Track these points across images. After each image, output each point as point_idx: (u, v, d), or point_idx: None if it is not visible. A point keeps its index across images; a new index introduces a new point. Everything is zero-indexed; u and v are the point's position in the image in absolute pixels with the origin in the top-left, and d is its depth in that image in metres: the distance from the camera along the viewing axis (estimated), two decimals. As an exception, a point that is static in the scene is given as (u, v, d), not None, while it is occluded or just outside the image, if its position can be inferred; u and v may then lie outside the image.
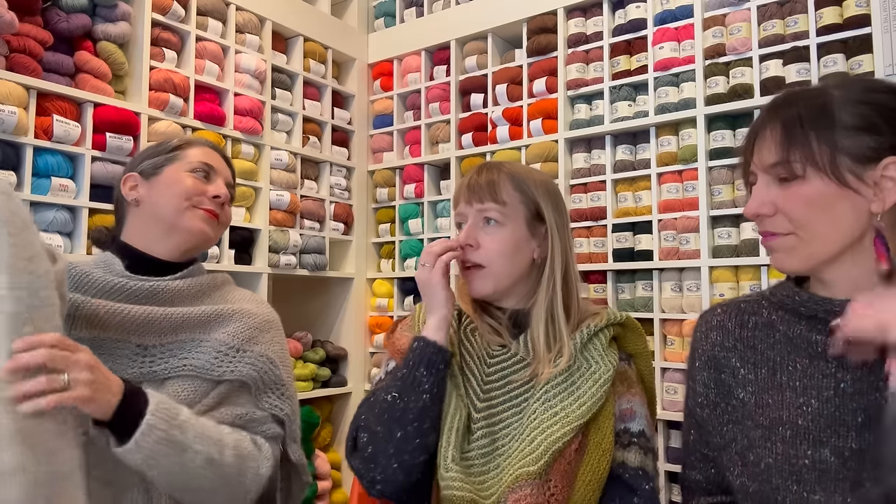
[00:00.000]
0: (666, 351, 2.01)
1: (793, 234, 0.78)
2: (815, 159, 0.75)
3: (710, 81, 2.02)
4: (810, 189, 0.76)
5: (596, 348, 1.01)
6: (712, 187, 2.00)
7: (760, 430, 0.81)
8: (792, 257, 0.80)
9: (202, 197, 1.09)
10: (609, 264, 2.16)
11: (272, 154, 2.40)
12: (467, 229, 1.04)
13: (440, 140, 2.64)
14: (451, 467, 0.92)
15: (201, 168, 1.11)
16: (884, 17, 1.74)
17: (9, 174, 1.67)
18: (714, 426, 0.88)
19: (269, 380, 1.08)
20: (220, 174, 1.15)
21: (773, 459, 0.78)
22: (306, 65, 2.58)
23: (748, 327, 0.87)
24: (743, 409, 0.84)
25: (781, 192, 0.78)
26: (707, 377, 0.89)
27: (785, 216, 0.78)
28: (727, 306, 0.92)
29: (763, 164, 0.80)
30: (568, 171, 2.29)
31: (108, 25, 1.94)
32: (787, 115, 0.78)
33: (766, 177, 0.80)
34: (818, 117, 0.76)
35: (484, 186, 1.03)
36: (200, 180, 1.11)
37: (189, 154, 1.13)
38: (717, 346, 0.89)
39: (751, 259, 1.89)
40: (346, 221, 2.71)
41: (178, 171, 1.10)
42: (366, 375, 2.72)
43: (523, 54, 2.43)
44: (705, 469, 0.91)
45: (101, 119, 1.87)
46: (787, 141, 0.77)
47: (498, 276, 1.03)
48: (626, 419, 0.99)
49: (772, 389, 0.82)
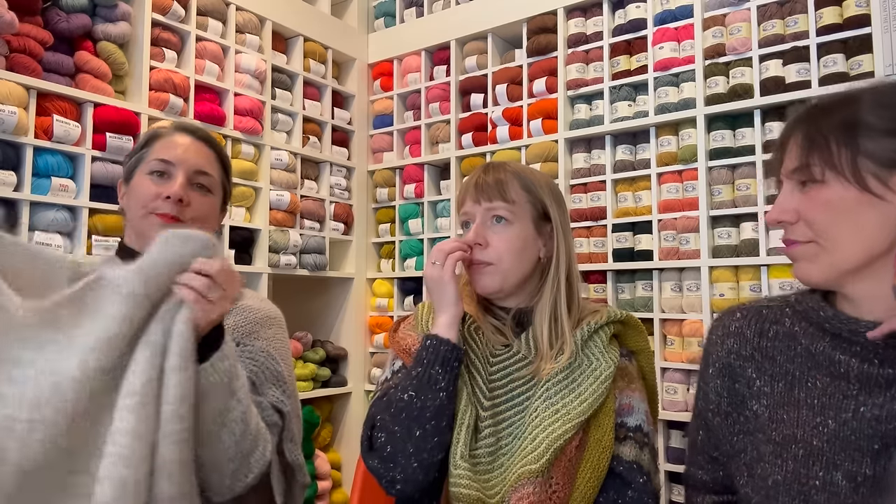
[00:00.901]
0: (666, 351, 2.01)
1: (813, 241, 0.75)
2: (834, 162, 0.73)
3: (710, 81, 2.02)
4: (829, 194, 0.73)
5: (597, 345, 1.02)
6: (712, 187, 2.00)
7: (772, 446, 0.79)
8: (813, 266, 0.76)
9: (157, 201, 1.04)
10: (609, 264, 2.16)
11: (272, 154, 2.40)
12: (476, 228, 1.04)
13: (440, 140, 2.64)
14: (459, 464, 0.92)
15: (157, 168, 1.06)
16: (884, 17, 1.74)
17: (9, 174, 1.67)
18: (724, 435, 0.86)
19: (270, 374, 1.06)
20: (182, 165, 1.07)
21: (781, 477, 0.76)
22: (306, 65, 2.58)
23: (768, 336, 0.84)
24: (756, 422, 0.82)
25: (802, 198, 0.76)
26: (720, 385, 0.87)
27: (806, 223, 0.76)
28: (747, 311, 0.88)
29: (786, 170, 0.78)
30: (568, 171, 2.29)
31: (108, 25, 1.94)
32: (810, 120, 0.76)
33: (789, 183, 0.78)
34: (841, 121, 0.74)
35: (492, 185, 1.04)
36: (156, 183, 1.06)
37: (151, 152, 1.08)
38: (732, 353, 0.86)
39: (751, 259, 1.89)
40: (346, 221, 2.72)
41: (140, 174, 1.07)
42: (366, 375, 2.72)
43: (523, 54, 2.43)
44: (713, 471, 0.90)
45: (101, 119, 1.87)
46: (808, 144, 0.75)
47: (506, 273, 1.03)
48: (623, 414, 1.00)
49: (788, 405, 0.79)
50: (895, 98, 0.74)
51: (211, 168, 1.11)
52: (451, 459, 0.93)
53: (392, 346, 1.10)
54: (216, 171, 1.12)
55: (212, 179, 1.10)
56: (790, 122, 0.80)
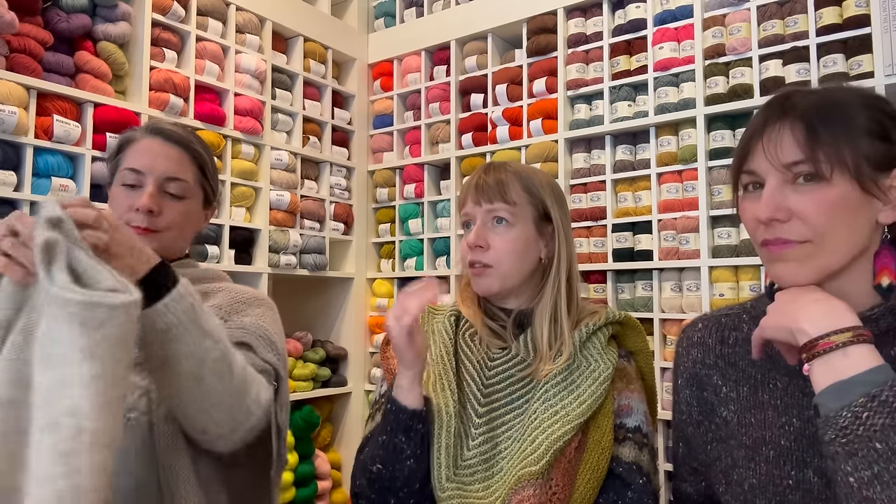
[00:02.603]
0: (666, 351, 2.01)
1: (809, 241, 0.71)
2: (845, 160, 0.69)
3: (710, 81, 2.03)
4: (835, 193, 0.70)
5: (595, 346, 1.02)
6: (712, 187, 2.00)
7: (744, 450, 0.79)
8: (804, 267, 0.72)
9: (130, 214, 1.02)
10: (609, 264, 2.16)
11: (272, 154, 2.40)
12: (477, 230, 1.03)
13: (440, 140, 2.64)
14: (446, 487, 0.93)
15: (127, 180, 1.04)
16: (883, 17, 1.74)
17: (9, 174, 1.67)
18: (699, 444, 0.86)
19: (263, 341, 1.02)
20: (151, 174, 1.04)
21: (756, 480, 0.76)
22: (306, 65, 2.58)
23: (729, 343, 0.85)
24: (726, 429, 0.82)
25: (799, 195, 0.71)
26: (690, 395, 0.87)
27: (802, 222, 0.71)
28: (708, 320, 0.89)
29: (779, 161, 0.72)
30: (568, 171, 2.29)
31: (109, 25, 1.94)
32: (806, 110, 0.72)
33: (779, 178, 0.72)
34: (839, 115, 0.71)
35: (493, 186, 1.03)
36: (128, 195, 1.03)
37: (123, 159, 1.06)
38: (698, 363, 0.87)
39: (751, 259, 1.89)
40: (346, 221, 2.72)
41: (116, 186, 1.06)
42: (366, 375, 2.72)
43: (523, 54, 2.43)
44: (696, 482, 0.91)
45: (101, 119, 1.87)
46: (813, 138, 0.70)
47: (506, 275, 1.03)
48: (622, 415, 1.00)
49: (754, 408, 0.79)
50: (873, 101, 0.73)
51: (183, 172, 1.07)
52: (437, 485, 0.93)
53: (382, 363, 1.11)
54: (190, 173, 1.08)
55: (184, 185, 1.07)
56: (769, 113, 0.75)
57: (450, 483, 0.93)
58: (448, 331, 1.07)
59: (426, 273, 2.58)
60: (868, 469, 0.61)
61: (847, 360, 0.65)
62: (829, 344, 0.66)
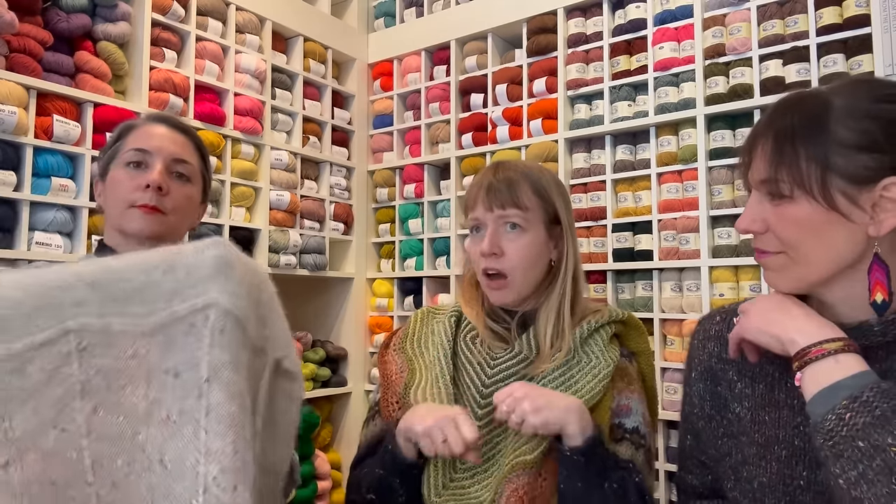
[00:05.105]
0: (666, 351, 2.01)
1: (783, 253, 0.74)
2: (803, 181, 0.70)
3: (710, 81, 2.02)
4: (798, 211, 0.71)
5: (597, 343, 1.02)
6: (712, 187, 2.00)
7: (755, 448, 0.79)
8: (783, 277, 0.75)
9: (136, 193, 1.01)
10: (609, 264, 2.16)
11: (272, 154, 2.40)
12: (490, 237, 1.02)
13: (440, 140, 2.64)
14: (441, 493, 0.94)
15: (134, 158, 1.02)
16: (884, 17, 1.74)
17: (9, 174, 1.67)
18: (709, 438, 0.86)
19: None
20: (160, 154, 1.03)
21: (766, 479, 0.76)
22: (306, 65, 2.58)
23: None
24: (739, 425, 0.82)
25: (772, 209, 0.74)
26: (703, 389, 0.87)
27: (775, 235, 0.74)
28: (727, 314, 0.88)
29: (754, 178, 0.76)
30: (568, 171, 2.29)
31: (108, 25, 1.94)
32: (780, 127, 0.73)
33: (757, 192, 0.76)
34: (811, 132, 0.70)
35: (504, 192, 1.02)
36: (133, 173, 1.02)
37: (125, 143, 1.04)
38: (713, 357, 0.86)
39: (751, 259, 1.88)
40: (346, 221, 2.72)
41: (116, 168, 1.04)
42: (366, 375, 2.72)
43: (523, 54, 2.43)
44: (702, 475, 0.90)
45: (101, 119, 1.87)
46: (777, 157, 0.72)
47: (521, 285, 1.02)
48: (621, 415, 0.99)
49: (769, 406, 0.79)
50: (872, 107, 0.69)
51: (189, 156, 1.07)
52: (428, 495, 0.94)
53: (379, 367, 1.10)
54: (195, 159, 1.08)
55: (191, 167, 1.07)
56: (759, 126, 0.76)
57: (445, 490, 0.94)
58: (448, 332, 1.07)
59: (426, 273, 2.58)
60: (854, 469, 0.62)
61: (837, 367, 0.66)
62: (822, 351, 0.67)
